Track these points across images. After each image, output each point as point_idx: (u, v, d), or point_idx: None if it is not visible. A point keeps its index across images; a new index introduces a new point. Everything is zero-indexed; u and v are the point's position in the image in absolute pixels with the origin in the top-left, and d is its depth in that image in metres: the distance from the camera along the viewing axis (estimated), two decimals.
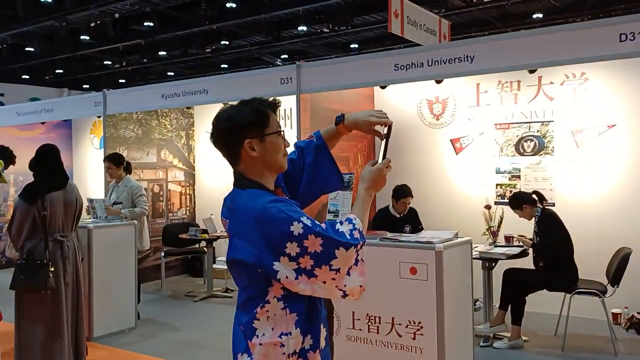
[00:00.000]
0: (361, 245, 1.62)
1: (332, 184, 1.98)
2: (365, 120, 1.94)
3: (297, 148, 1.98)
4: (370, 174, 1.79)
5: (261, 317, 1.64)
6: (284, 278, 1.58)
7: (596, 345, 4.62)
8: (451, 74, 4.99)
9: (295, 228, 1.56)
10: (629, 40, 4.12)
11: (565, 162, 5.55)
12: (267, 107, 1.75)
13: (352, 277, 1.59)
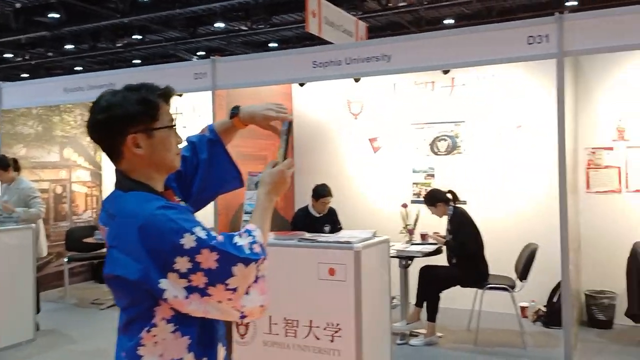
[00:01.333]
0: (262, 260, 1.42)
1: (231, 182, 1.79)
2: (263, 114, 1.74)
3: (189, 143, 1.76)
4: (270, 177, 1.60)
5: (147, 343, 1.40)
6: (172, 297, 1.36)
7: (506, 339, 4.77)
8: (368, 72, 4.97)
9: (186, 240, 1.34)
10: (537, 43, 4.28)
11: (477, 161, 5.72)
12: (158, 96, 1.49)
13: (252, 297, 1.40)
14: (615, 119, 5.19)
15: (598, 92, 5.29)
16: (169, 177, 1.59)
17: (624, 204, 5.12)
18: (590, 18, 4.34)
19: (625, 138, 5.15)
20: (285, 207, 6.25)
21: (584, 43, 4.16)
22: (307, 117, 6.56)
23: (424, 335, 4.68)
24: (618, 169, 5.17)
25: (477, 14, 13.63)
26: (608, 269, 4.95)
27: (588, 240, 5.15)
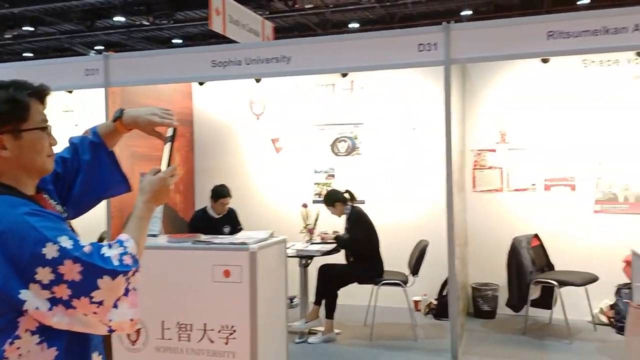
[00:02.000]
0: (133, 272, 1.37)
1: (115, 187, 1.73)
2: (147, 119, 1.66)
3: (70, 144, 1.70)
4: (151, 185, 1.53)
5: (11, 356, 1.33)
6: (34, 309, 1.29)
7: (400, 332, 4.98)
8: (268, 73, 5.01)
9: (48, 250, 1.28)
10: (426, 50, 4.51)
11: (375, 162, 5.92)
12: (29, 94, 1.42)
13: (120, 310, 1.34)
14: (497, 123, 5.58)
15: (483, 98, 5.66)
16: (45, 179, 1.52)
17: (505, 202, 5.52)
18: (475, 29, 4.65)
19: (507, 141, 5.55)
20: (185, 209, 6.12)
21: (468, 52, 4.44)
22: (207, 117, 6.47)
23: (322, 332, 4.77)
24: (500, 170, 5.56)
25: (381, 19, 14.10)
26: (492, 262, 5.30)
27: (474, 236, 5.50)
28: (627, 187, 5.17)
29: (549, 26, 4.19)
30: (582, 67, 5.28)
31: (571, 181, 5.32)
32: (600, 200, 5.23)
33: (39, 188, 1.50)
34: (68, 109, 6.42)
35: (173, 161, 1.63)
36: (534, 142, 5.44)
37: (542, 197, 5.40)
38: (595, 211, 5.24)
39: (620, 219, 5.13)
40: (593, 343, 4.59)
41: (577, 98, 5.27)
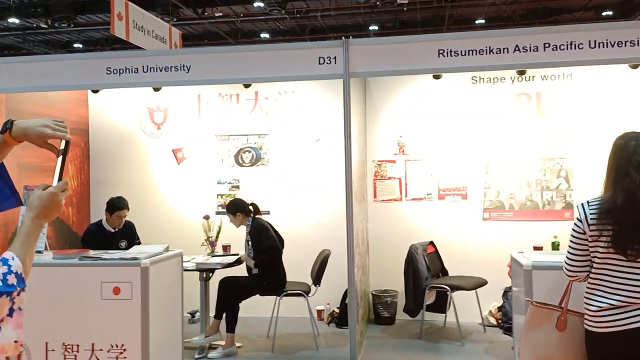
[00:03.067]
0: (18, 291, 1.33)
1: (5, 202, 1.63)
2: (37, 132, 1.57)
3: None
4: (40, 200, 1.45)
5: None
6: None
7: (302, 342, 5.01)
8: (166, 82, 4.90)
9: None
10: (326, 64, 4.60)
11: (279, 172, 5.94)
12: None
13: (4, 332, 1.30)
14: (396, 135, 5.80)
15: (383, 111, 5.86)
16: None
17: (403, 211, 5.73)
18: (372, 44, 4.80)
19: (405, 152, 5.77)
20: (79, 223, 5.82)
21: (366, 66, 4.57)
22: (104, 126, 6.21)
23: (222, 347, 4.69)
24: (399, 180, 5.77)
25: (291, 31, 14.23)
26: (391, 270, 5.47)
27: (375, 245, 5.66)
28: (512, 195, 5.54)
29: (439, 44, 4.41)
30: (471, 83, 5.62)
31: (463, 190, 5.63)
32: (488, 208, 5.57)
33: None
34: None
35: (65, 175, 1.55)
36: (430, 154, 5.70)
37: (437, 205, 5.67)
38: (484, 218, 5.57)
39: (506, 226, 5.49)
40: (482, 344, 4.86)
41: (468, 112, 5.60)
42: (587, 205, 2.34)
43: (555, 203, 5.46)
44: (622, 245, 2.22)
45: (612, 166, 2.35)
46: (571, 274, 2.41)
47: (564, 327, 2.50)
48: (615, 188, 2.29)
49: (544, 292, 3.04)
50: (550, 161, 5.49)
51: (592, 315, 2.28)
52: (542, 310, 2.59)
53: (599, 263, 2.28)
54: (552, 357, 2.51)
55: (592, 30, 4.16)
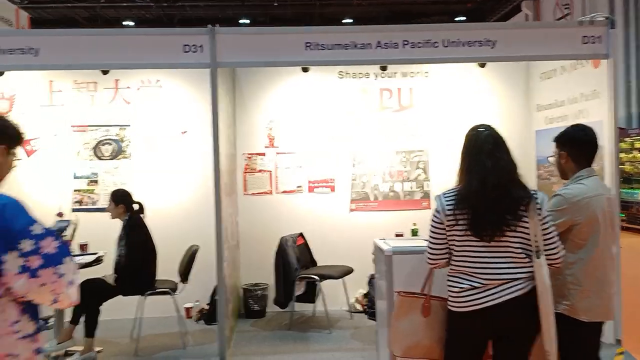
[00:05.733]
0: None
1: None
2: None
3: None
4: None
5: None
6: (6, 271, 1.65)
7: (168, 342, 4.81)
8: (10, 66, 4.44)
9: (35, 228, 1.70)
10: (192, 52, 4.44)
11: (142, 166, 5.64)
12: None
13: (71, 290, 1.75)
14: (266, 128, 5.78)
15: (253, 103, 5.81)
16: None
17: (274, 204, 5.74)
18: (240, 34, 4.72)
19: (275, 145, 5.78)
20: None
21: (234, 56, 4.49)
22: None
23: (79, 352, 4.34)
24: (270, 173, 5.77)
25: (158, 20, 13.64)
26: (262, 263, 5.44)
27: (246, 238, 5.60)
28: (376, 187, 5.79)
29: (306, 37, 4.47)
30: (337, 78, 5.77)
31: (331, 183, 5.77)
32: (355, 199, 5.77)
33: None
34: None
35: None
36: (300, 146, 5.76)
37: (306, 198, 5.75)
38: (351, 209, 5.77)
39: (371, 216, 5.73)
40: (349, 330, 5.02)
41: (334, 106, 5.75)
42: (443, 197, 2.48)
43: (415, 193, 5.81)
44: (478, 229, 2.37)
45: (465, 156, 2.51)
46: (432, 262, 2.54)
47: (429, 313, 2.64)
48: (469, 175, 2.44)
49: (404, 276, 3.20)
50: (410, 153, 5.82)
51: (454, 296, 2.43)
52: (408, 299, 2.71)
53: (459, 249, 2.43)
54: (420, 342, 2.65)
55: (446, 30, 4.47)
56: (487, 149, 2.45)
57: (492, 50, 4.45)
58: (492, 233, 2.37)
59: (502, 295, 2.36)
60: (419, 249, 3.00)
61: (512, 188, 2.42)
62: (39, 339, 1.82)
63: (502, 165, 2.44)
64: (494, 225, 2.37)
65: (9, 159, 1.94)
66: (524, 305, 2.37)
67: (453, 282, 2.45)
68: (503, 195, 2.39)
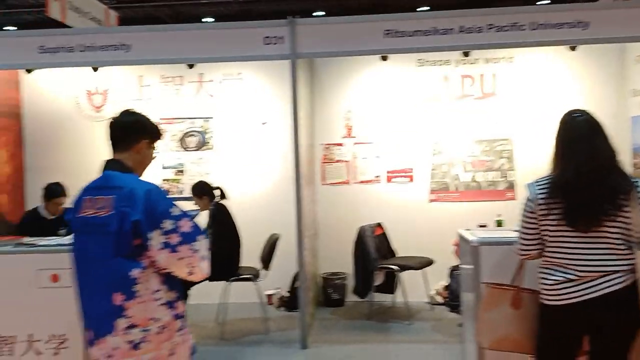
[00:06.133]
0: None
1: None
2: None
3: None
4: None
5: (140, 277, 1.99)
6: (151, 246, 1.97)
7: (251, 327, 4.95)
8: (105, 62, 4.71)
9: (174, 210, 2.01)
10: (273, 44, 4.52)
11: (225, 157, 5.82)
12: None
13: (204, 264, 2.05)
14: (344, 118, 5.78)
15: (331, 93, 5.82)
16: None
17: (352, 194, 5.74)
18: (319, 24, 4.75)
19: (353, 135, 5.77)
20: (14, 210, 5.51)
21: (313, 47, 4.53)
22: (39, 109, 5.89)
23: None
24: (347, 163, 5.77)
25: (236, 15, 13.97)
26: (341, 252, 5.46)
27: (324, 228, 5.65)
28: (457, 177, 5.65)
29: (386, 25, 4.42)
30: (416, 66, 5.67)
31: (410, 172, 5.69)
32: (434, 189, 5.66)
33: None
34: None
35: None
36: (378, 136, 5.73)
37: (384, 188, 5.71)
38: (431, 200, 5.66)
39: (451, 206, 5.60)
40: (430, 322, 4.95)
41: (414, 94, 5.66)
42: (535, 185, 2.37)
43: (498, 183, 5.61)
44: (572, 219, 2.25)
45: (559, 142, 2.38)
46: (524, 253, 2.45)
47: (520, 305, 2.55)
48: (564, 163, 2.32)
49: (491, 268, 3.10)
50: (493, 142, 5.63)
51: (548, 289, 2.32)
52: (497, 291, 2.63)
53: (552, 240, 2.32)
54: (510, 335, 2.57)
55: (534, 12, 4.28)
56: (583, 135, 2.32)
57: (585, 32, 4.21)
58: (588, 223, 2.24)
59: (600, 289, 2.24)
60: (506, 240, 2.91)
61: (611, 176, 2.27)
62: (178, 307, 2.09)
63: (600, 151, 2.30)
64: (590, 214, 2.24)
65: (150, 151, 2.24)
66: (623, 300, 2.23)
67: (546, 274, 2.35)
68: (600, 184, 2.25)
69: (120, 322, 1.99)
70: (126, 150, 2.18)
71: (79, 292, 2.15)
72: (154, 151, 2.25)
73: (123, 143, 2.20)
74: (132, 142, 2.19)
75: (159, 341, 2.04)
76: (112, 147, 2.24)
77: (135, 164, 2.17)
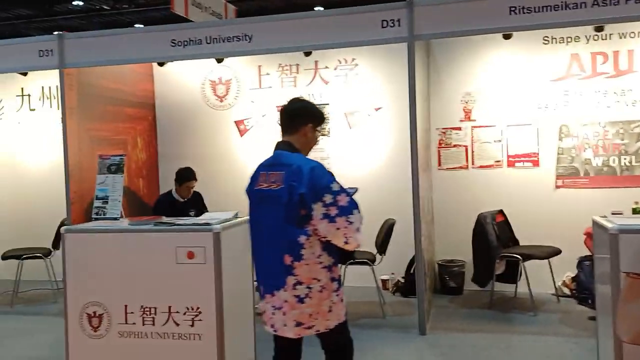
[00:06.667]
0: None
1: None
2: None
3: None
4: None
5: (305, 243, 2.35)
6: (314, 217, 2.30)
7: (368, 311, 4.99)
8: (229, 52, 4.92)
9: (334, 185, 2.32)
10: (390, 27, 4.48)
11: (340, 142, 5.88)
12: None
13: (358, 235, 2.37)
14: (462, 101, 5.60)
15: (448, 75, 5.66)
16: None
17: (470, 179, 5.56)
18: (438, 4, 4.59)
19: (472, 118, 5.57)
20: (149, 194, 5.99)
21: (432, 28, 4.43)
22: (170, 99, 6.32)
23: None
24: (465, 147, 5.59)
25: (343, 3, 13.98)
26: (458, 239, 5.34)
27: (441, 214, 5.53)
28: (588, 161, 5.26)
29: (510, 1, 4.20)
30: (542, 44, 5.33)
31: (534, 157, 5.39)
32: (561, 175, 5.32)
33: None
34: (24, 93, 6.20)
35: (134, 148, 1.70)
36: (499, 119, 5.48)
37: (506, 173, 5.47)
38: (557, 186, 5.33)
39: (580, 193, 5.23)
40: (556, 314, 4.68)
41: (539, 74, 5.33)
42: None
43: (635, 168, 5.15)
44: None
45: None
46: None
47: None
48: None
49: (631, 257, 2.86)
50: (629, 124, 5.17)
51: None
52: (639, 281, 2.45)
53: None
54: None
55: None
56: None
57: None
58: None
59: None
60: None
61: None
62: (335, 271, 2.47)
63: None
64: None
65: (315, 134, 2.57)
66: None
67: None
68: None
69: (290, 279, 2.34)
70: (294, 133, 2.51)
71: (255, 253, 2.57)
72: (318, 135, 2.58)
73: (291, 127, 2.51)
74: (298, 126, 2.50)
75: (320, 298, 2.39)
76: (282, 131, 2.55)
77: (301, 145, 2.51)
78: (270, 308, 2.48)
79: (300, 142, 2.52)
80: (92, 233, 3.72)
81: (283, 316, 2.43)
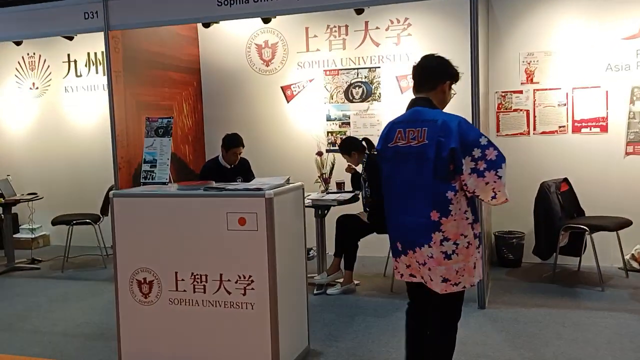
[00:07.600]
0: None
1: None
2: None
3: None
4: None
5: (453, 198, 2.30)
6: (463, 171, 2.24)
7: None
8: (277, 11, 4.70)
9: (482, 140, 2.25)
10: None
11: (391, 107, 5.62)
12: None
13: (505, 190, 2.28)
14: (524, 62, 5.23)
15: (509, 35, 5.29)
16: None
17: (532, 146, 5.23)
18: None
19: (534, 81, 5.21)
20: (195, 160, 5.90)
21: None
22: (215, 64, 6.17)
23: (340, 283, 4.59)
24: (527, 112, 5.25)
25: None
26: (517, 210, 5.03)
27: None
28: None
29: None
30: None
31: (602, 122, 5.01)
32: (632, 141, 4.93)
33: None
34: (70, 59, 6.14)
35: (179, 114, 1.51)
36: (564, 81, 5.11)
37: (571, 139, 5.11)
38: (627, 153, 4.95)
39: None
40: (626, 290, 4.38)
41: (610, 31, 4.92)
42: None
43: None
44: None
45: None
46: None
47: None
48: None
49: None
50: None
51: None
52: None
53: None
54: None
55: None
56: None
57: None
58: None
59: None
60: None
61: None
62: (477, 227, 2.40)
63: None
64: None
65: (450, 91, 2.53)
66: None
67: None
68: None
69: (437, 235, 2.30)
70: (432, 90, 2.45)
71: (391, 210, 2.56)
72: (452, 92, 2.57)
73: (429, 84, 2.46)
74: (437, 82, 2.46)
75: (467, 254, 2.35)
76: (417, 87, 2.50)
77: (438, 102, 2.46)
78: (414, 264, 2.45)
79: (437, 99, 2.47)
80: (141, 197, 3.62)
81: (428, 271, 2.39)
